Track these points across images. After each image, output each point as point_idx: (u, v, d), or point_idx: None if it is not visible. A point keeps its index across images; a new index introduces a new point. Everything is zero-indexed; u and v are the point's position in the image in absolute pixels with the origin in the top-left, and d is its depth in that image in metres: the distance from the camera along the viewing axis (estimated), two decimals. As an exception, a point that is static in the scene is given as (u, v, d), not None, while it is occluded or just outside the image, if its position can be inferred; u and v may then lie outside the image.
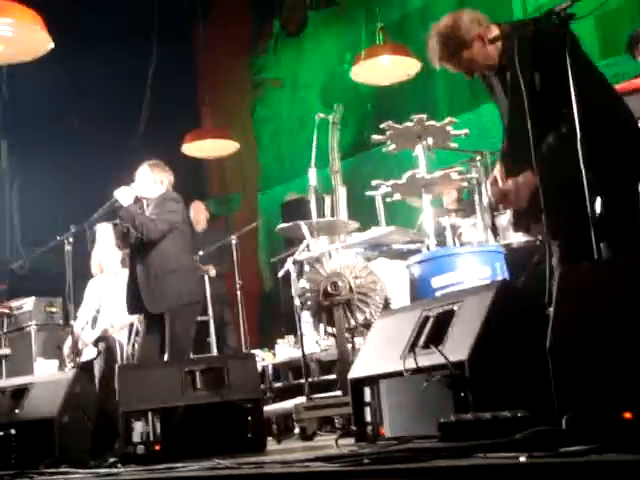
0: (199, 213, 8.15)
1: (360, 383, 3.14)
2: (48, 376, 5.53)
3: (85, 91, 8.82)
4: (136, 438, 3.85)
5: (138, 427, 3.87)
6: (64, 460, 3.79)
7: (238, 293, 6.91)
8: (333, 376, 5.42)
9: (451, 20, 3.41)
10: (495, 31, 3.33)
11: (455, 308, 2.89)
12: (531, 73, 3.10)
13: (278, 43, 9.91)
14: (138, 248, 5.27)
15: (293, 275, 5.35)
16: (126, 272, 5.85)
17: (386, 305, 4.75)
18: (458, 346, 2.70)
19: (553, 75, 3.00)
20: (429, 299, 3.65)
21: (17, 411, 4.10)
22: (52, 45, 5.29)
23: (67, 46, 5.63)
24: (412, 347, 2.92)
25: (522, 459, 1.91)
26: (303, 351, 5.25)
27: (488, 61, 3.32)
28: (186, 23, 9.93)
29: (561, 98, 2.88)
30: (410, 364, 2.84)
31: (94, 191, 5.95)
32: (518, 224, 3.47)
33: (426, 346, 2.89)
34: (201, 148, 8.60)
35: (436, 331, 2.90)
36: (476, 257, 4.58)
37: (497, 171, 3.46)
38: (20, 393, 4.18)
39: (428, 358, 2.81)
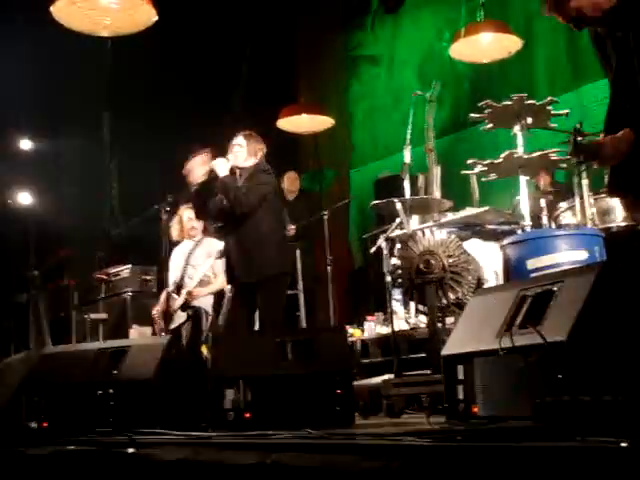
0: (293, 183, 8.17)
1: (453, 360, 3.11)
2: (145, 339, 5.71)
3: (185, 64, 8.97)
4: (227, 405, 3.92)
5: (229, 394, 3.93)
6: (158, 422, 3.88)
7: (328, 268, 6.91)
8: (422, 354, 5.39)
9: None
10: None
11: (554, 288, 2.82)
12: None
13: (375, 19, 9.84)
14: (231, 219, 5.34)
15: (385, 252, 5.33)
16: (208, 240, 6.06)
17: (479, 285, 4.70)
18: (557, 327, 2.64)
19: None
20: (525, 279, 3.59)
21: (115, 372, 4.19)
22: (156, 18, 5.32)
23: (168, 19, 5.61)
24: (508, 326, 2.87)
25: (623, 444, 1.85)
26: (393, 328, 5.24)
27: (597, 13, 3.17)
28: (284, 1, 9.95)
29: None
30: (506, 343, 2.79)
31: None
32: (613, 187, 3.25)
33: (523, 326, 2.82)
34: (296, 123, 8.54)
35: (534, 311, 2.83)
36: (574, 240, 4.50)
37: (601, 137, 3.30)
38: (118, 355, 4.29)
39: (525, 338, 2.75)
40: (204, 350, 5.73)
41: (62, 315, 8.17)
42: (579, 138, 4.09)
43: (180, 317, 6.07)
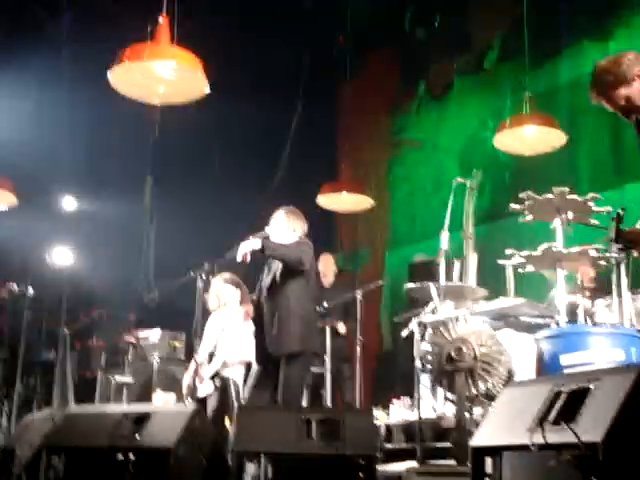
0: (328, 266, 8.19)
1: (482, 452, 3.04)
2: (169, 406, 5.68)
3: (230, 137, 9.16)
4: (247, 479, 3.86)
5: (250, 469, 3.87)
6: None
7: (358, 349, 6.85)
8: (447, 444, 5.16)
9: (615, 55, 3.35)
10: None
11: (591, 386, 2.78)
12: None
13: (421, 105, 10.00)
14: (268, 289, 5.38)
15: (417, 336, 5.32)
16: (243, 310, 6.08)
17: (509, 377, 4.64)
18: (592, 426, 2.59)
19: None
20: (560, 374, 3.53)
21: (137, 437, 4.14)
22: (208, 90, 5.43)
23: (219, 92, 5.72)
24: (541, 422, 2.81)
25: None
26: (419, 414, 5.17)
27: None
28: (332, 78, 10.15)
29: None
30: (538, 439, 2.74)
31: (229, 232, 6.05)
32: None
33: (556, 422, 2.77)
34: (336, 200, 8.69)
35: (568, 408, 2.79)
36: (610, 339, 4.47)
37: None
38: (142, 419, 4.24)
39: (558, 435, 2.69)
40: (228, 422, 5.70)
41: (88, 375, 8.15)
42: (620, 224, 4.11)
43: (208, 386, 6.04)
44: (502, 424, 3.12)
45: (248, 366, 6.05)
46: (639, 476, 2.49)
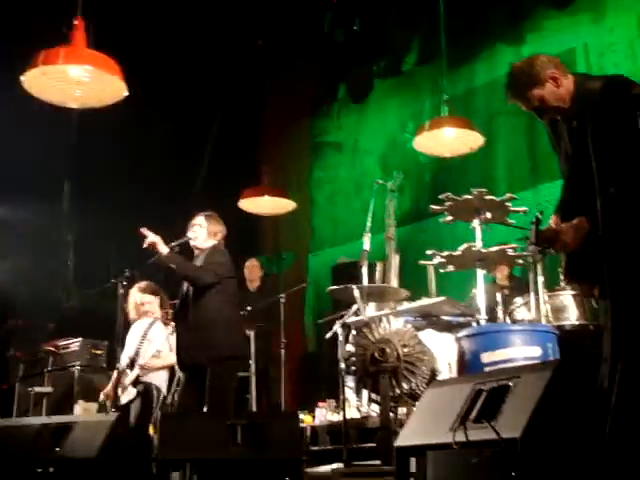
0: (254, 272, 8.17)
1: (406, 452, 3.08)
2: (90, 416, 5.56)
3: (149, 142, 8.97)
4: (172, 488, 3.78)
5: (175, 477, 3.82)
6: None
7: (282, 351, 6.84)
8: (372, 444, 5.24)
9: (529, 58, 3.44)
10: (570, 77, 3.33)
11: (510, 384, 2.84)
12: (598, 124, 3.07)
13: (341, 108, 10.03)
14: (182, 301, 5.29)
15: (340, 338, 5.29)
16: (162, 314, 6.00)
17: (432, 376, 4.67)
18: (511, 423, 2.64)
19: (616, 130, 3.00)
20: (481, 373, 3.60)
21: (58, 449, 4.05)
22: (126, 93, 5.35)
23: (137, 97, 5.63)
24: (463, 420, 2.87)
25: None
26: (344, 416, 5.15)
27: (559, 103, 3.30)
28: (252, 81, 10.10)
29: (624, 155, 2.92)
30: (460, 437, 2.78)
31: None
32: (570, 275, 3.35)
33: (478, 420, 2.83)
34: (258, 204, 8.66)
35: (489, 406, 2.85)
36: (528, 336, 4.55)
37: (552, 221, 3.42)
38: (62, 431, 4.17)
39: (479, 433, 2.75)
40: (151, 429, 5.62)
41: (5, 387, 7.92)
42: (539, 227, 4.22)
43: (130, 393, 5.88)
44: (425, 424, 3.17)
45: (172, 371, 5.98)
46: (556, 470, 2.54)
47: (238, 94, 9.84)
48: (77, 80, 5.24)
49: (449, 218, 5.30)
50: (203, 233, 5.39)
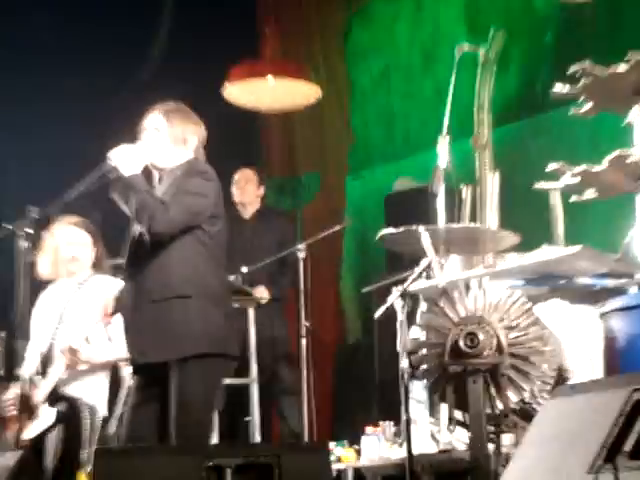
0: (248, 189, 6.42)
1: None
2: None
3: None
4: None
5: None
6: None
7: (303, 341, 5.47)
8: (458, 497, 4.59)
9: None
10: None
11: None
12: None
13: None
14: (130, 259, 4.13)
15: (400, 317, 4.39)
16: (97, 280, 4.86)
17: (560, 379, 3.92)
18: None
19: None
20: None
21: None
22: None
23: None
24: (610, 454, 2.38)
25: None
26: (410, 448, 4.27)
27: None
28: None
29: None
30: (610, 487, 2.32)
31: (70, 157, 5.25)
32: None
33: (636, 454, 2.34)
34: (256, 92, 6.74)
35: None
36: None
37: None
38: None
39: (638, 476, 2.32)
40: (81, 478, 4.39)
41: None
42: None
43: (46, 416, 4.55)
44: (545, 460, 2.63)
45: (115, 376, 4.77)
46: None
47: None
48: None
49: (588, 107, 4.27)
50: (164, 140, 4.12)
